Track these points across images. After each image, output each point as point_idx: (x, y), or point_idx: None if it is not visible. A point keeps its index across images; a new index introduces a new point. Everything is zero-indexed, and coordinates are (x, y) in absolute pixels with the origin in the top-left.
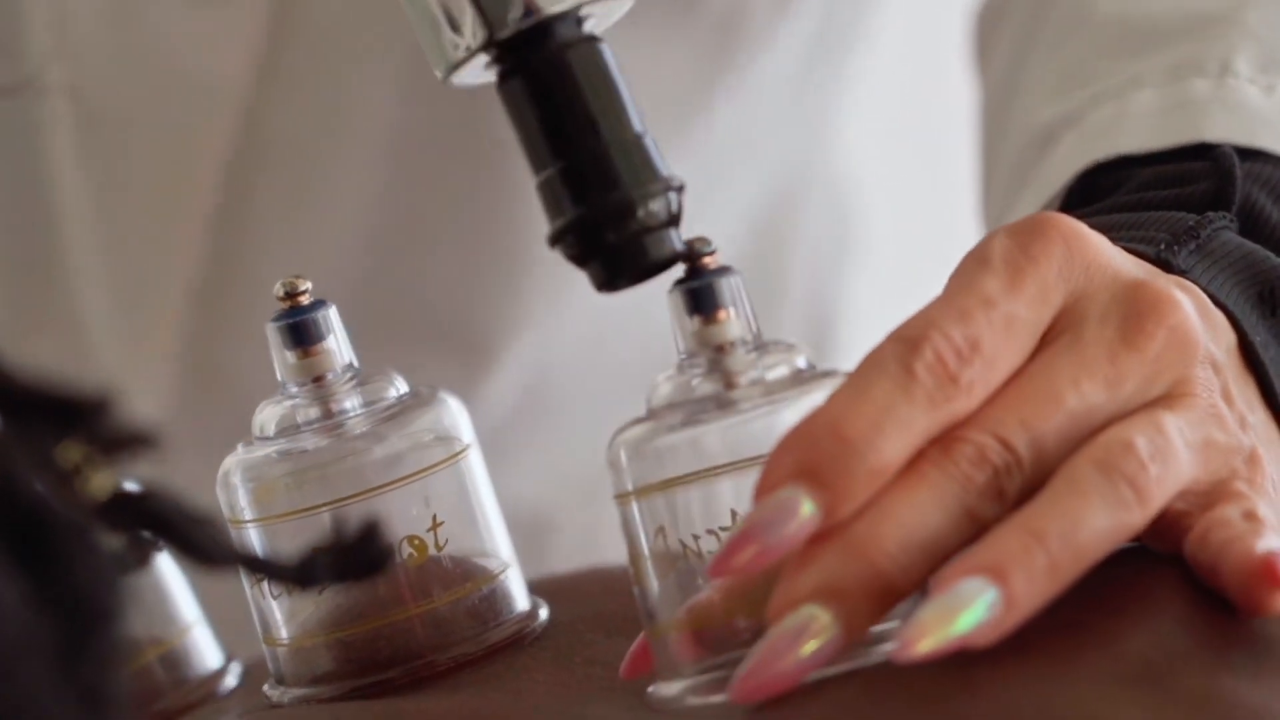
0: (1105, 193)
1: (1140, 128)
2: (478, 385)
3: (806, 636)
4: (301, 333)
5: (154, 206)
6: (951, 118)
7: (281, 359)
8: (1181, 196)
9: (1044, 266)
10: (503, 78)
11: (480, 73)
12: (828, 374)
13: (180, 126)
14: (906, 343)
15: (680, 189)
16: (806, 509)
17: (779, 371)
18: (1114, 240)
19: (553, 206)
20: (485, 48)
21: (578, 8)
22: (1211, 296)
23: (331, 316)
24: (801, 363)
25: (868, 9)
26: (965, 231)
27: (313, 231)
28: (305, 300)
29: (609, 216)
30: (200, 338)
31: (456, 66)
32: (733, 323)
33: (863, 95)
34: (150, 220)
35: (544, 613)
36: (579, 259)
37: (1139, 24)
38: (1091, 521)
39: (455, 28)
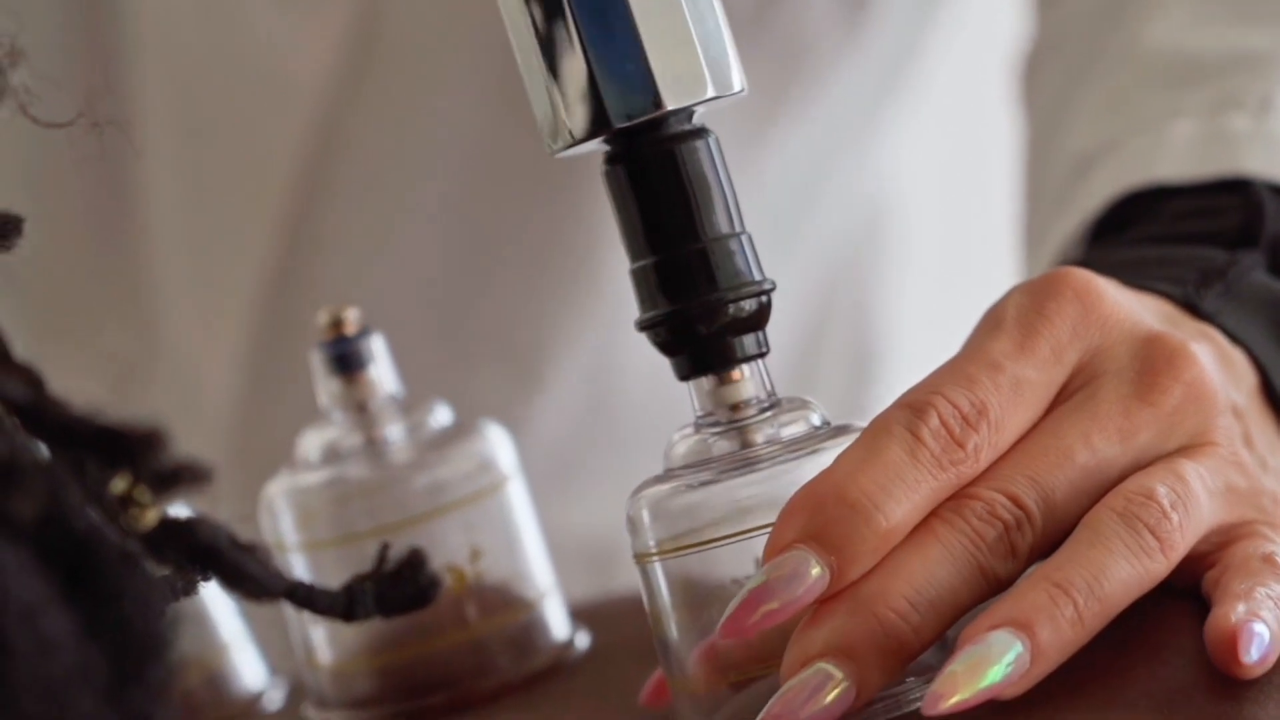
0: (1139, 221)
1: (1177, 158)
2: (535, 404)
3: (820, 694)
4: (345, 361)
5: (231, 204)
6: (992, 143)
7: (325, 386)
8: (1211, 230)
9: (1058, 325)
10: (609, 159)
11: (587, 144)
12: (843, 429)
13: (261, 127)
14: (913, 408)
15: (771, 290)
16: (815, 571)
17: (794, 429)
18: (1143, 278)
19: (645, 296)
20: (599, 135)
21: (696, 105)
22: (1237, 338)
23: (375, 345)
24: (816, 419)
25: (927, 40)
26: (1007, 254)
27: (382, 239)
28: (350, 330)
29: (700, 315)
30: (270, 336)
31: (567, 148)
32: (747, 382)
33: (913, 121)
34: (227, 217)
35: (582, 640)
36: (666, 349)
37: (1184, 58)
38: (1116, 571)
39: (571, 110)
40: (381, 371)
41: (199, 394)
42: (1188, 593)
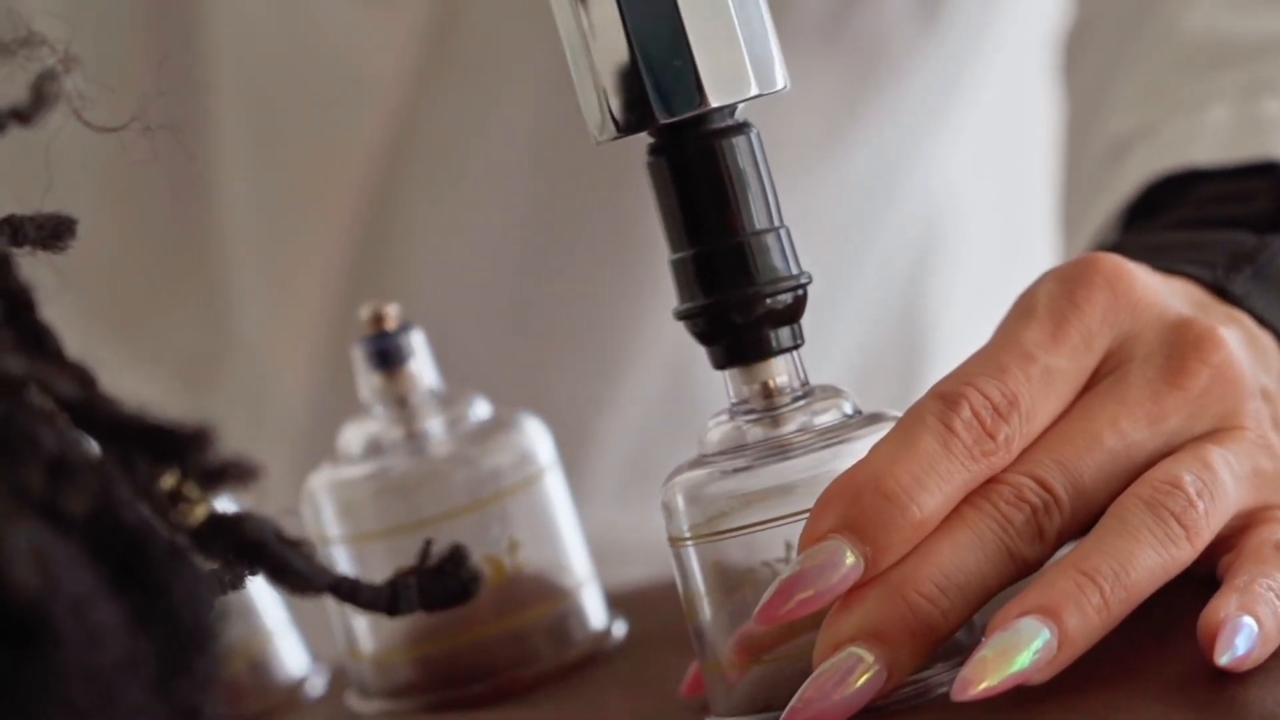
0: (1172, 205)
1: (1210, 142)
2: (612, 399)
3: (851, 677)
4: (386, 356)
5: (307, 195)
6: (1040, 147)
7: (367, 380)
8: (1242, 214)
9: (1088, 314)
10: (652, 151)
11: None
12: (875, 418)
13: (338, 120)
14: (945, 399)
15: (808, 283)
16: (849, 560)
17: (827, 416)
18: (1172, 262)
19: (684, 286)
20: (643, 129)
21: (739, 102)
22: (1266, 321)
23: (415, 340)
24: (848, 408)
25: (989, 37)
26: (1048, 243)
27: (456, 234)
28: (391, 325)
29: (737, 307)
30: (342, 332)
31: (612, 139)
32: (782, 371)
33: (969, 122)
34: (301, 214)
35: (619, 629)
36: (703, 339)
37: (1220, 43)
38: (1142, 559)
39: (617, 103)
40: (422, 366)
41: (270, 390)
42: (1205, 577)
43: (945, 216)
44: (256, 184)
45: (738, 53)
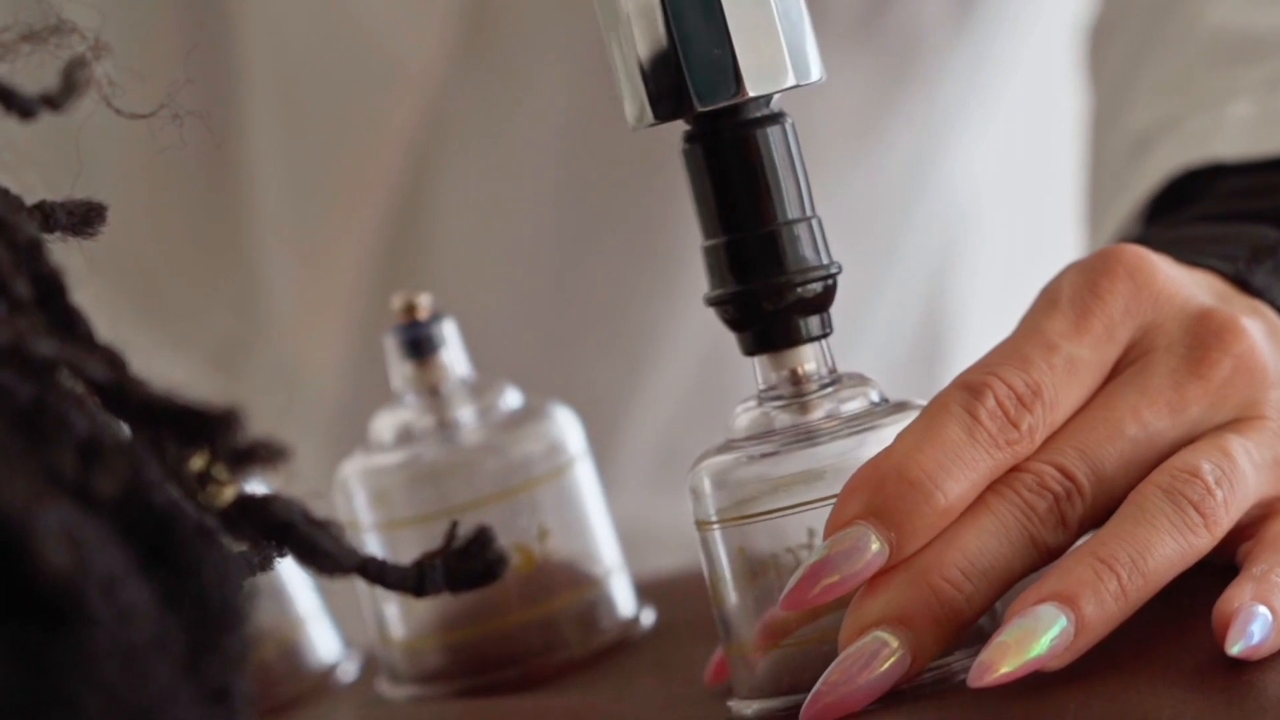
0: (1196, 200)
1: (1234, 136)
2: (643, 388)
3: (876, 661)
4: (418, 345)
5: (338, 182)
6: (1060, 124)
7: (399, 369)
8: (1264, 208)
9: (1110, 304)
10: (687, 138)
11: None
12: (901, 406)
13: (369, 107)
14: (970, 389)
15: (837, 273)
16: (875, 546)
17: (854, 404)
18: (1194, 255)
19: (715, 273)
20: (681, 117)
21: (777, 92)
22: None
23: (447, 330)
24: (875, 395)
25: (1018, 28)
26: (1071, 237)
27: (488, 216)
28: (423, 315)
29: (767, 295)
30: (373, 319)
31: (649, 126)
32: (810, 358)
33: (995, 114)
34: (333, 194)
35: (648, 617)
36: (733, 326)
37: (1243, 37)
38: (1159, 547)
39: (655, 91)
40: (453, 355)
41: (300, 377)
42: (1224, 565)
43: (970, 211)
44: (288, 170)
45: (776, 43)
